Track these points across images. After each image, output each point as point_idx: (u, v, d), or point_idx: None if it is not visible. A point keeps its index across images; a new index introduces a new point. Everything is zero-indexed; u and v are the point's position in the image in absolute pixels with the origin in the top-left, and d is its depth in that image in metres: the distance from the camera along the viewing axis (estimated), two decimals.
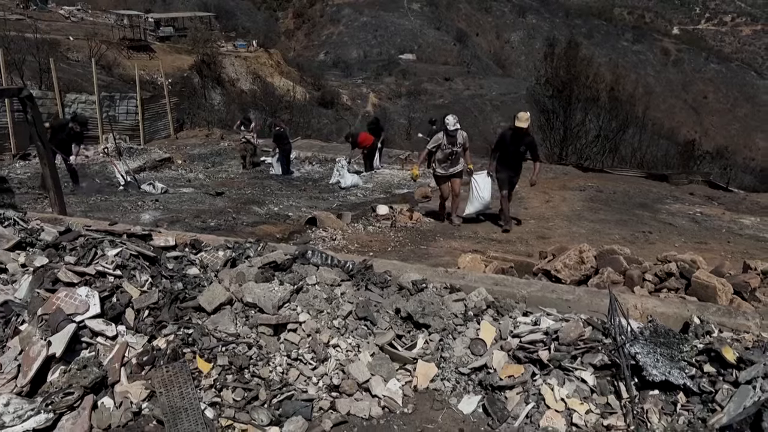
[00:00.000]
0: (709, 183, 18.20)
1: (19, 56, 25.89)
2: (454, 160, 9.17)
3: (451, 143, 9.06)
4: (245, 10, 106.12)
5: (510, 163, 9.09)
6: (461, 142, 9.09)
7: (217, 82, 49.72)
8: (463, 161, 9.30)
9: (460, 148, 9.11)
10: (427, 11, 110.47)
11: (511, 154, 8.98)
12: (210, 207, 11.70)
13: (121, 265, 3.37)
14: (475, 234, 10.48)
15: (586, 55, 34.33)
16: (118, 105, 21.08)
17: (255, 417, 2.70)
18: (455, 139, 9.03)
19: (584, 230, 10.41)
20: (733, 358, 2.67)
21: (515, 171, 9.25)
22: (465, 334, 3.11)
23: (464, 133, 9.24)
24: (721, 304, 4.26)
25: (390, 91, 76.12)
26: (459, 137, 9.04)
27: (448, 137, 9.00)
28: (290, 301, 3.13)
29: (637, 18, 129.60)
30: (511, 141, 8.87)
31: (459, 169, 9.27)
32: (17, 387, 2.77)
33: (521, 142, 8.88)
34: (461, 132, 9.15)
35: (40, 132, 6.20)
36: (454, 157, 9.14)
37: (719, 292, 5.23)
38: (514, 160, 9.10)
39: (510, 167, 9.12)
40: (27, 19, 44.40)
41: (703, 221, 11.77)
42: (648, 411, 2.61)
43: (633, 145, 30.90)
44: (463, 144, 9.14)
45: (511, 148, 8.93)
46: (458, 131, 9.05)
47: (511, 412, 2.72)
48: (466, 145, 9.22)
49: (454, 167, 9.21)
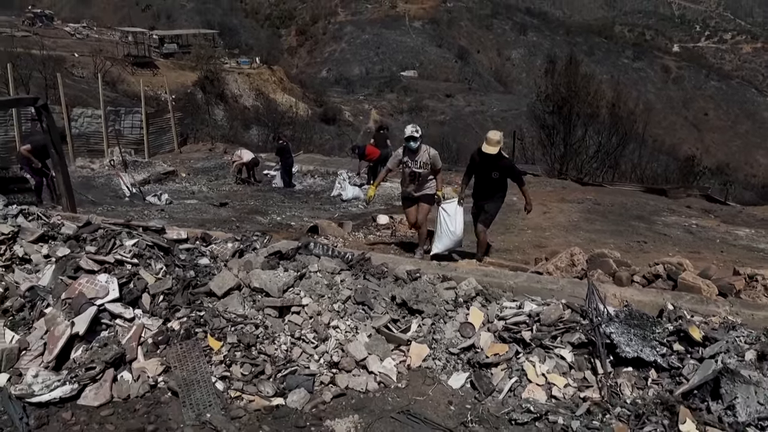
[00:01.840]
0: (707, 197, 18.45)
1: (25, 72, 26.34)
2: (420, 183, 7.48)
3: (412, 161, 7.33)
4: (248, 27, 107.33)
5: (481, 192, 7.44)
6: (426, 161, 7.31)
7: (221, 98, 50.12)
8: (434, 185, 7.60)
9: (425, 168, 7.36)
10: (429, 29, 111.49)
11: (482, 179, 7.36)
12: (214, 216, 11.98)
13: (138, 255, 3.65)
14: (473, 243, 10.73)
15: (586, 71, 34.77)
16: (123, 119, 21.47)
17: (261, 389, 2.96)
18: (417, 156, 7.29)
19: (580, 240, 10.65)
20: (699, 336, 2.92)
21: (488, 199, 7.43)
22: (455, 319, 3.37)
23: (432, 150, 7.48)
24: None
25: (392, 108, 76.77)
26: (423, 155, 7.28)
27: (408, 153, 7.31)
28: (294, 286, 3.41)
29: (638, 36, 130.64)
30: (482, 164, 7.16)
31: (429, 192, 7.55)
32: (44, 362, 3.03)
33: (493, 167, 7.12)
34: (428, 149, 7.40)
35: (54, 139, 6.50)
36: (419, 179, 7.42)
37: (704, 293, 5.44)
38: (487, 187, 7.37)
39: (481, 196, 7.46)
40: (33, 36, 45.02)
41: (698, 232, 12.01)
42: (621, 385, 2.86)
43: (633, 161, 31.17)
44: (431, 163, 7.39)
45: (481, 173, 7.28)
46: (422, 147, 7.35)
47: (496, 387, 2.97)
48: (436, 165, 7.47)
49: (422, 190, 7.52)
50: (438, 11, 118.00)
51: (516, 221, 12.63)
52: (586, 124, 30.21)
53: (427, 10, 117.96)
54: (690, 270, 6.09)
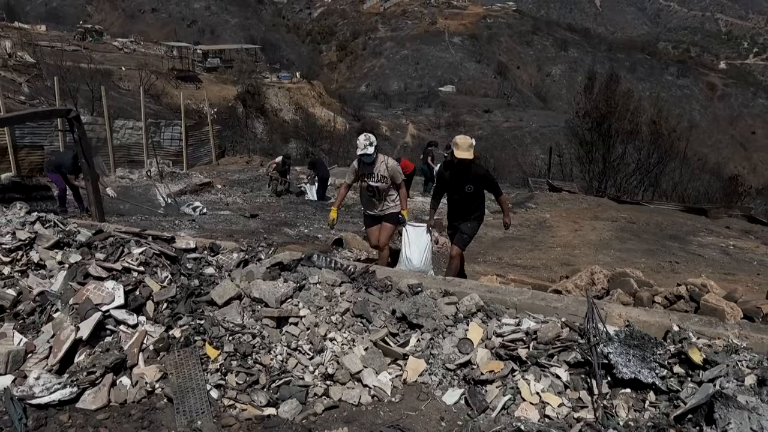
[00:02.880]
0: (748, 218, 17.93)
1: (74, 85, 27.33)
2: (381, 199, 6.55)
3: (368, 174, 6.41)
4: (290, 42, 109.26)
5: (456, 211, 6.49)
6: (385, 175, 6.39)
7: (261, 111, 51.05)
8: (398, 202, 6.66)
9: (383, 182, 6.44)
10: (468, 44, 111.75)
11: (454, 196, 6.41)
12: (243, 228, 12.16)
13: (145, 263, 3.75)
14: (500, 260, 10.64)
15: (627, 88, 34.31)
16: (163, 131, 22.00)
17: (254, 398, 2.99)
18: (374, 168, 6.36)
19: (609, 258, 10.47)
20: (699, 359, 2.84)
21: (464, 219, 6.45)
22: (454, 334, 3.35)
23: (391, 161, 6.49)
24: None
25: (429, 123, 76.99)
26: (380, 166, 6.37)
27: (363, 165, 6.39)
28: (293, 297, 3.44)
29: (682, 52, 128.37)
30: (453, 178, 6.26)
31: (393, 211, 6.60)
32: (48, 365, 3.13)
33: (467, 179, 6.17)
34: (385, 159, 6.44)
35: (85, 150, 6.72)
36: (378, 194, 6.49)
37: (728, 316, 5.27)
38: (461, 206, 6.41)
39: (456, 216, 6.51)
40: (83, 51, 46.71)
41: (734, 254, 11.68)
42: (617, 406, 2.80)
43: (674, 180, 30.53)
44: (390, 176, 6.44)
45: (453, 189, 6.35)
46: (379, 157, 6.39)
47: (489, 404, 2.94)
48: (395, 178, 6.49)
49: (384, 209, 6.59)
50: (478, 27, 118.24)
51: (545, 238, 12.50)
52: (625, 141, 29.76)
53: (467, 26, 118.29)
54: (714, 292, 5.92)
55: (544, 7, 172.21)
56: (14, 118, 10.64)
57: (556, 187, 22.71)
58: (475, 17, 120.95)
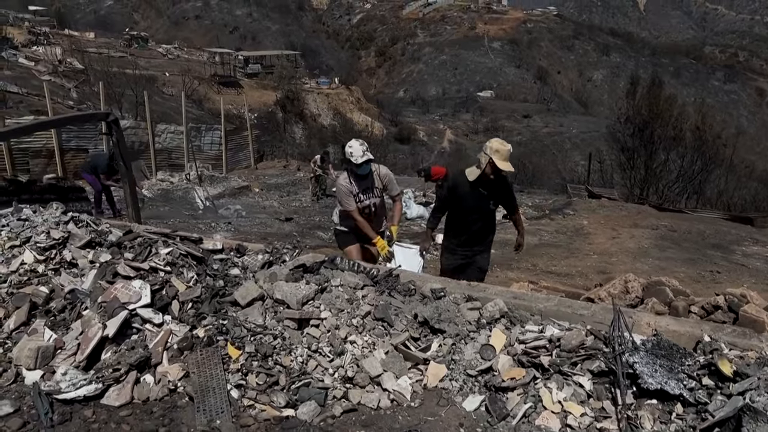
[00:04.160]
0: None
1: (119, 90, 28.11)
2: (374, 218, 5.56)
3: (363, 193, 5.38)
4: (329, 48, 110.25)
5: (471, 233, 5.17)
6: (379, 186, 5.46)
7: (300, 116, 51.64)
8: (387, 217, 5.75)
9: (378, 197, 5.50)
10: (508, 49, 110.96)
11: (472, 216, 5.11)
12: (278, 231, 12.32)
13: (172, 263, 3.82)
14: (534, 267, 10.50)
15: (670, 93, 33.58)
16: (203, 136, 22.42)
17: (274, 399, 3.01)
18: (370, 182, 5.39)
19: (648, 267, 10.24)
20: (729, 371, 2.74)
21: (480, 242, 5.25)
22: (477, 340, 3.31)
23: (383, 168, 5.52)
24: None
25: (467, 128, 76.64)
26: (375, 179, 5.42)
27: (356, 179, 5.30)
28: (314, 299, 3.45)
29: (729, 57, 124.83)
30: (475, 195, 4.99)
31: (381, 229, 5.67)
32: (75, 362, 3.20)
33: (491, 194, 5.04)
34: (377, 168, 5.43)
35: (123, 153, 6.89)
36: (373, 210, 5.49)
37: None
38: (478, 227, 5.17)
39: (470, 239, 5.20)
40: (129, 57, 48.03)
41: None
42: (642, 417, 2.72)
43: (719, 187, 29.72)
44: (386, 187, 5.51)
45: (472, 208, 5.08)
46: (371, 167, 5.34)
47: (510, 412, 2.89)
48: (391, 190, 5.54)
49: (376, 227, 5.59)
50: (518, 32, 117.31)
51: (582, 245, 12.29)
52: (668, 147, 29.11)
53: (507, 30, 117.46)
54: (754, 302, 5.72)
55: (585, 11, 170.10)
56: (56, 122, 11.01)
57: (595, 193, 22.35)
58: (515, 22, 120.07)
